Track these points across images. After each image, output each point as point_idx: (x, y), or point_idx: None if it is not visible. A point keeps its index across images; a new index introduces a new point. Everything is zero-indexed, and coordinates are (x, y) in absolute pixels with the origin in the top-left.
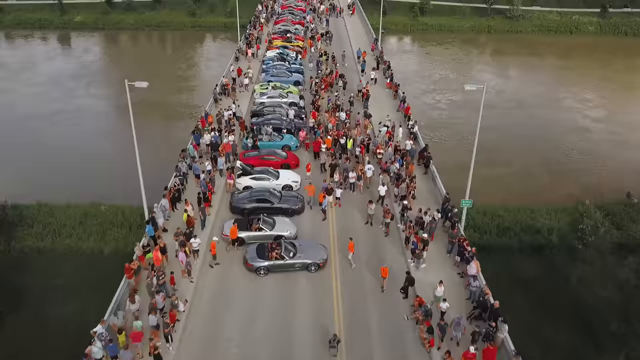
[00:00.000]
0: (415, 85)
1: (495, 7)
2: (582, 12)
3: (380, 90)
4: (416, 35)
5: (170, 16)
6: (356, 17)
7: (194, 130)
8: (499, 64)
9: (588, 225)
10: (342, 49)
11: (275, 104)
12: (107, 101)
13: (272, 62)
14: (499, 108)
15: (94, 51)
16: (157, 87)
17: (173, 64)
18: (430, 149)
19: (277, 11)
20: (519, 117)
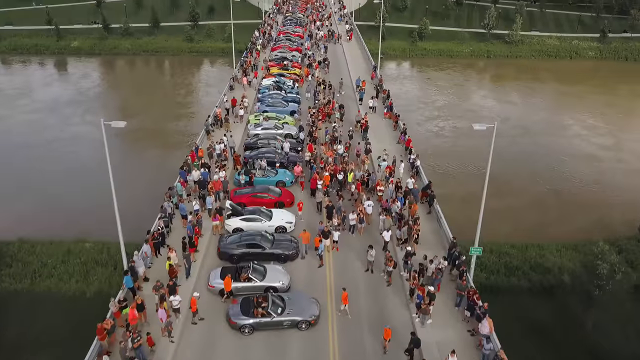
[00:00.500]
0: (418, 112)
1: (494, 33)
2: (581, 37)
3: (380, 121)
4: (415, 60)
5: (168, 41)
6: (354, 42)
7: (182, 165)
8: (501, 89)
9: (604, 270)
10: (340, 77)
11: (270, 136)
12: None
13: (268, 90)
14: (505, 135)
15: (92, 77)
16: (155, 114)
17: (172, 89)
18: (433, 185)
19: (274, 37)
20: (525, 145)
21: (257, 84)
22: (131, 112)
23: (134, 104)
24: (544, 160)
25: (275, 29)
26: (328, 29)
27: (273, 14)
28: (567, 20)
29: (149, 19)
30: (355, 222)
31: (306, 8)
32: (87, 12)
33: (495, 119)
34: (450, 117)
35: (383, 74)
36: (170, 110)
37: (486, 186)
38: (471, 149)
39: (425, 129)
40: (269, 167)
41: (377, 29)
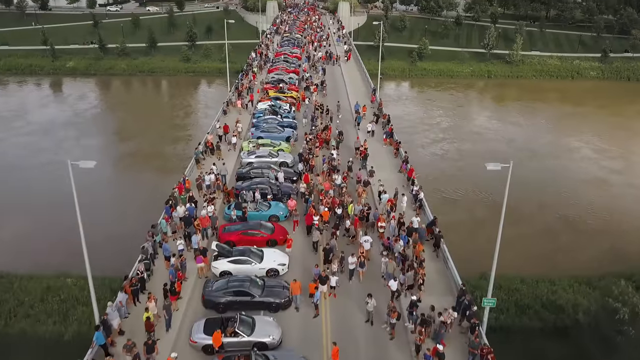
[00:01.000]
0: (423, 134)
1: (494, 52)
2: (582, 57)
3: (379, 147)
4: (415, 80)
5: (164, 62)
6: (353, 63)
7: (168, 199)
8: (504, 110)
9: (625, 314)
10: (338, 99)
11: (264, 165)
12: (98, 152)
13: (263, 115)
14: (512, 158)
15: (89, 98)
16: (152, 137)
17: (170, 111)
18: (438, 213)
19: (271, 58)
20: (533, 169)
21: (252, 107)
22: (128, 135)
23: (130, 126)
24: (553, 184)
25: (273, 50)
26: (326, 50)
27: (270, 34)
28: (568, 40)
29: (145, 39)
30: (355, 265)
31: (304, 28)
32: (84, 33)
33: (500, 139)
34: (455, 139)
35: (383, 94)
36: (168, 133)
37: (500, 232)
38: (477, 173)
39: (429, 152)
40: (261, 200)
41: (376, 49)
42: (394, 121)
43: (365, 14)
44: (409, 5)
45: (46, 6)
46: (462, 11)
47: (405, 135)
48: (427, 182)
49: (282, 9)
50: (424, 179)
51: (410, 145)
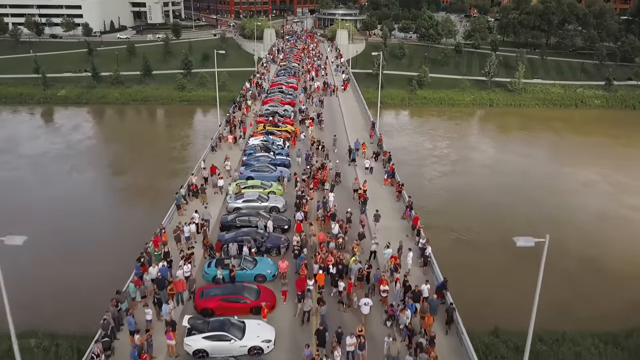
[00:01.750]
0: (431, 167)
1: (495, 80)
2: (585, 85)
3: (379, 188)
4: (415, 109)
5: (159, 90)
6: (350, 93)
7: (140, 255)
8: (513, 140)
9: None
10: (335, 133)
11: (252, 212)
12: (88, 189)
13: (255, 152)
14: (528, 194)
15: (83, 128)
16: (148, 170)
17: (166, 142)
18: (449, 266)
19: (266, 89)
20: (551, 206)
21: (244, 143)
22: (122, 168)
23: (125, 158)
24: (570, 222)
25: (268, 79)
26: (324, 80)
27: (267, 62)
28: (570, 67)
29: (141, 67)
30: (355, 347)
31: (301, 57)
32: (78, 60)
33: (511, 173)
34: (465, 172)
35: (383, 124)
36: (164, 166)
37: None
38: (491, 211)
39: (438, 186)
40: (246, 255)
41: (375, 77)
42: (399, 153)
43: (363, 42)
44: (408, 32)
45: (41, 33)
46: (461, 39)
47: (412, 167)
48: (436, 218)
49: (280, 36)
50: (433, 215)
51: (418, 179)
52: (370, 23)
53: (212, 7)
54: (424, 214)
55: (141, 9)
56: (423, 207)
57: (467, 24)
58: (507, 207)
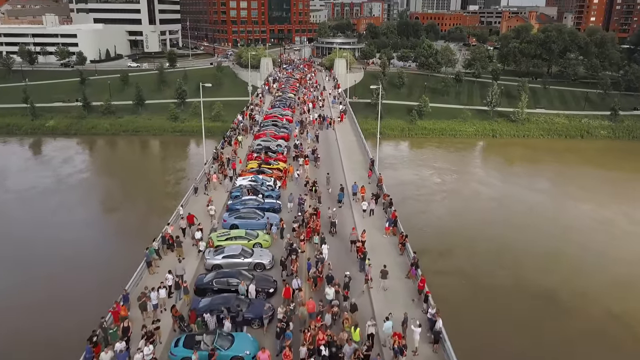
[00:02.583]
0: (441, 203)
1: (497, 110)
2: (590, 115)
3: (379, 238)
4: (415, 140)
5: (151, 120)
6: (347, 125)
7: (91, 335)
8: (522, 173)
9: None
10: (329, 171)
11: (233, 272)
12: (75, 230)
13: (241, 195)
14: (545, 234)
15: (74, 161)
16: (140, 207)
17: (160, 175)
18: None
19: (259, 121)
20: (572, 252)
21: (230, 184)
22: (114, 204)
23: (117, 194)
24: (595, 268)
25: (262, 112)
26: (319, 113)
27: (262, 93)
28: (573, 97)
29: (133, 97)
30: None
31: (297, 87)
32: (70, 89)
33: (526, 212)
34: (477, 210)
35: (384, 157)
36: (158, 203)
37: None
38: (504, 250)
39: (451, 227)
40: (222, 331)
41: (374, 106)
42: (407, 188)
43: (362, 71)
44: (407, 61)
45: (34, 62)
46: (461, 67)
47: (421, 204)
48: (447, 261)
49: (277, 65)
50: (443, 257)
51: (427, 216)
52: (369, 52)
53: (210, 36)
54: (433, 256)
55: (138, 38)
56: (433, 249)
57: (466, 53)
58: (521, 248)
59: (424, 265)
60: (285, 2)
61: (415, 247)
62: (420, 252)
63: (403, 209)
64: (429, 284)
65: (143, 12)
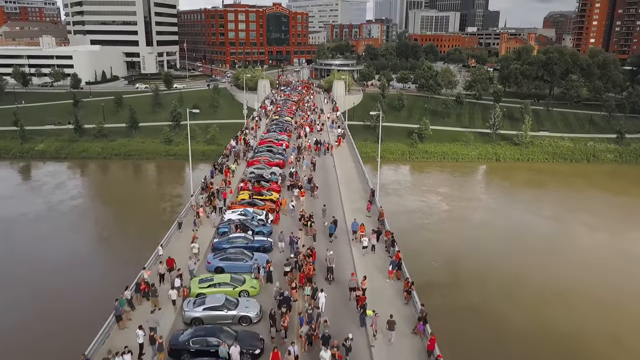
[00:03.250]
0: (452, 232)
1: (500, 133)
2: (596, 139)
3: (382, 281)
4: (416, 164)
5: (144, 143)
6: (346, 150)
7: None
8: (533, 199)
9: None
10: (329, 199)
11: (213, 329)
12: (65, 261)
13: (229, 231)
14: (561, 267)
15: (66, 187)
16: (133, 238)
17: (154, 203)
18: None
19: (254, 147)
20: (593, 286)
21: (217, 218)
22: (106, 234)
23: (109, 223)
24: (622, 309)
25: (257, 136)
26: (316, 138)
27: (258, 116)
28: (577, 119)
29: (127, 119)
30: None
31: (294, 110)
32: (64, 112)
33: (546, 246)
34: (489, 240)
35: (386, 182)
36: (152, 234)
37: None
38: (523, 288)
39: (462, 258)
40: None
41: (373, 129)
42: (415, 215)
43: (361, 93)
44: (407, 83)
45: (28, 84)
46: (462, 89)
47: (430, 233)
48: (463, 299)
49: (275, 87)
50: (459, 292)
51: (438, 247)
52: (368, 73)
53: (208, 57)
54: (443, 290)
55: (135, 59)
56: (443, 282)
57: (466, 74)
58: (538, 283)
59: (434, 302)
60: (284, 23)
61: (425, 280)
62: (430, 285)
63: (412, 238)
64: (440, 330)
65: (140, 33)
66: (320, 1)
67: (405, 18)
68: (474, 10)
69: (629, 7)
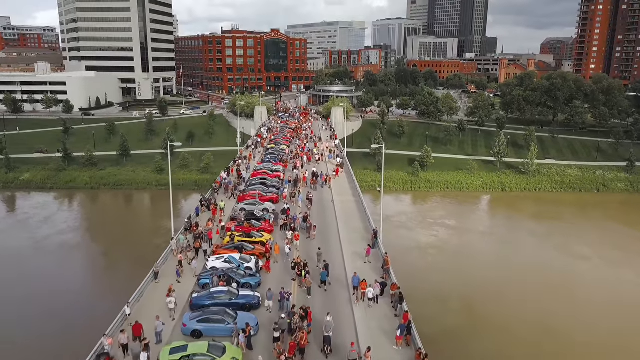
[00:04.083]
0: (468, 272)
1: (504, 161)
2: (605, 167)
3: (389, 348)
4: (419, 194)
5: (135, 172)
6: (344, 181)
7: None
8: (553, 234)
9: None
10: (326, 240)
11: None
12: (46, 305)
13: (211, 283)
14: (597, 314)
15: (53, 221)
16: (121, 281)
17: (147, 238)
18: None
19: (247, 179)
20: (627, 334)
21: (201, 266)
22: (94, 276)
23: (99, 261)
24: None
25: (250, 167)
26: (314, 170)
27: (252, 145)
28: (583, 146)
29: (118, 147)
30: None
31: (291, 139)
32: (54, 139)
33: (580, 293)
34: (513, 281)
35: (390, 214)
36: (143, 274)
37: None
38: (556, 340)
39: (485, 304)
40: None
41: (372, 156)
42: (429, 252)
43: (360, 119)
44: (407, 109)
45: (19, 111)
46: (463, 116)
47: (448, 275)
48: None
49: (272, 114)
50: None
51: (458, 291)
52: (367, 100)
53: (205, 83)
54: (465, 341)
55: (130, 85)
56: (465, 334)
57: (467, 101)
58: (568, 336)
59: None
60: (282, 49)
61: (440, 330)
62: (445, 334)
63: (430, 279)
64: None
65: (136, 59)
66: (319, 27)
67: (403, 44)
68: (472, 37)
69: (629, 32)
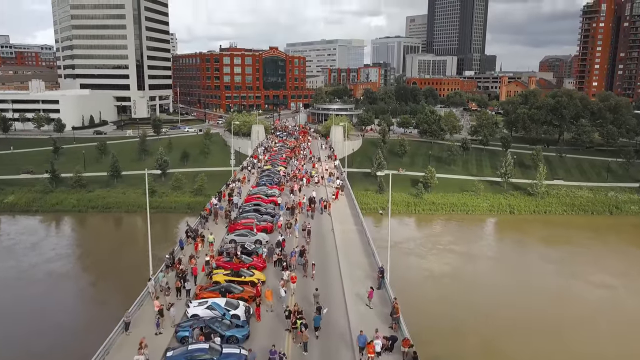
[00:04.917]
0: (489, 311)
1: (511, 182)
2: (617, 188)
3: None
4: (423, 216)
5: (125, 194)
6: (345, 206)
7: None
8: (572, 261)
9: None
10: (325, 279)
11: None
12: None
13: (191, 335)
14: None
15: (41, 247)
16: (114, 315)
17: (138, 268)
18: None
19: (239, 205)
20: None
21: (181, 314)
22: (82, 311)
23: (89, 293)
24: None
25: (242, 192)
26: (311, 196)
27: (248, 166)
28: (592, 166)
29: (109, 167)
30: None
31: (288, 160)
32: (43, 159)
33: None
34: (541, 318)
35: (397, 239)
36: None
37: None
38: None
39: (512, 344)
40: None
41: (373, 177)
42: (443, 282)
43: (360, 138)
44: (408, 127)
45: (8, 130)
46: (467, 134)
47: (458, 310)
48: None
49: (271, 132)
50: None
51: (468, 329)
52: (367, 118)
53: (202, 101)
54: None
55: (125, 104)
56: None
57: (469, 119)
58: None
59: None
60: (281, 67)
61: None
62: None
63: (453, 315)
64: None
65: (132, 77)
66: (318, 45)
67: (402, 62)
68: (471, 55)
69: (631, 50)
